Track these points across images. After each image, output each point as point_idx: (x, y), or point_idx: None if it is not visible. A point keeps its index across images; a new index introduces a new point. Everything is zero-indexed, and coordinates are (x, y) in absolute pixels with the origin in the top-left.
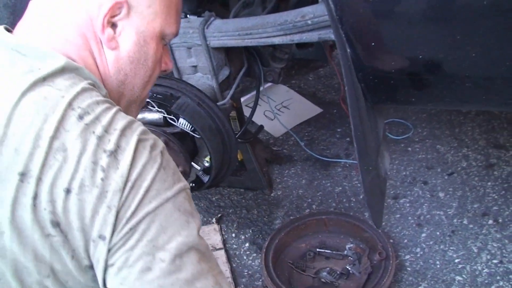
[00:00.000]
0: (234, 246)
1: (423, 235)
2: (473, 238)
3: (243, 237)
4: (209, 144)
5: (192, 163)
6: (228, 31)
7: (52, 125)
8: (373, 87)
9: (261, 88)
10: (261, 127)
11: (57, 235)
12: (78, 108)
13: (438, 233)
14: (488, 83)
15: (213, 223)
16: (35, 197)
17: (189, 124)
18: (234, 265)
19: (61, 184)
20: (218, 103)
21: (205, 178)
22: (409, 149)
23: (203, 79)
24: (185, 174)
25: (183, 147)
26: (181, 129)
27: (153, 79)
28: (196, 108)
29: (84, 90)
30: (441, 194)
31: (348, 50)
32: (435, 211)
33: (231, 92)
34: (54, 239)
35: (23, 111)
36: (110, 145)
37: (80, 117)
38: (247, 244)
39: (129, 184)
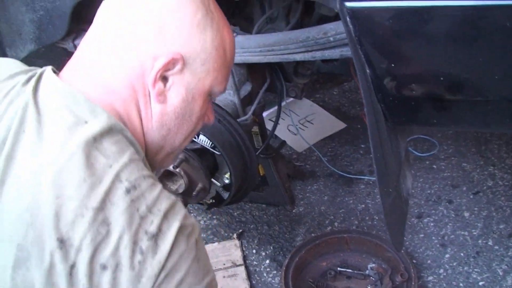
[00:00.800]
0: (255, 262)
1: (447, 255)
2: (498, 260)
3: (263, 253)
4: (229, 160)
5: (212, 179)
6: (250, 47)
7: (99, 195)
8: (393, 108)
9: (283, 103)
10: (283, 142)
11: None
12: (125, 181)
13: (462, 254)
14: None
15: (234, 238)
16: (73, 266)
17: (209, 141)
18: (254, 282)
19: (100, 259)
20: (239, 119)
21: (225, 195)
22: (434, 166)
23: (225, 94)
24: (205, 191)
25: (203, 164)
26: (201, 145)
27: (195, 133)
28: (216, 125)
29: (131, 161)
30: (466, 214)
31: (368, 71)
32: (459, 231)
33: (253, 108)
34: None
35: (70, 175)
36: (152, 227)
37: (127, 191)
38: (267, 261)
39: (164, 273)
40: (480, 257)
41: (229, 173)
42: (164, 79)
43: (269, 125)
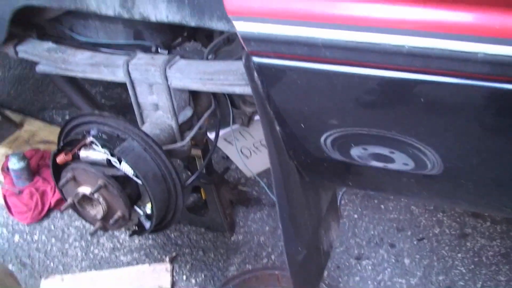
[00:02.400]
0: None
1: None
2: None
3: (194, 280)
4: (151, 191)
5: (136, 207)
6: (190, 74)
7: None
8: (306, 167)
9: (232, 128)
10: (227, 168)
11: None
12: None
13: None
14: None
15: (166, 261)
16: None
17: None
18: None
19: None
20: (176, 144)
21: (147, 224)
22: (382, 206)
23: (163, 117)
24: (124, 219)
25: (123, 192)
26: (124, 173)
27: None
28: (142, 153)
29: None
30: (406, 260)
31: (277, 128)
32: (397, 278)
33: (192, 133)
34: None
35: None
36: None
37: None
38: None
39: None
40: None
41: (150, 204)
42: None
43: (223, 145)
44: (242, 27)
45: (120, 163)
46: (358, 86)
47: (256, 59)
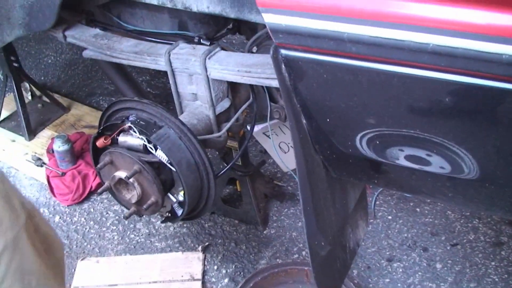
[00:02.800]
0: (213, 279)
1: None
2: None
3: (224, 271)
4: (184, 179)
5: (169, 194)
6: (229, 66)
7: None
8: (332, 162)
9: (269, 122)
10: (263, 162)
11: None
12: None
13: None
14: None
15: (198, 250)
16: None
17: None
18: None
19: None
20: (212, 135)
21: (179, 211)
22: (418, 210)
23: (201, 108)
24: (157, 205)
25: (157, 178)
26: (159, 159)
27: None
28: (177, 141)
29: None
30: (438, 265)
31: (304, 121)
32: (427, 282)
33: (228, 125)
34: None
35: None
36: None
37: None
38: (226, 280)
39: None
40: None
41: (183, 191)
42: None
43: (262, 139)
44: (270, 19)
45: (155, 149)
46: (385, 84)
47: (283, 51)
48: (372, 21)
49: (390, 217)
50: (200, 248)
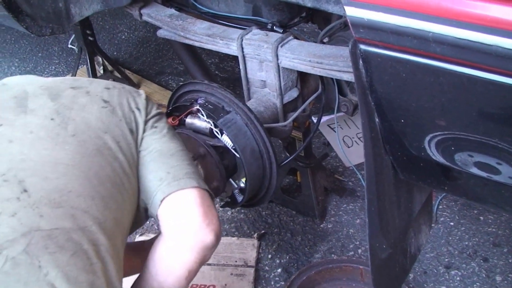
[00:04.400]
0: (266, 268)
1: None
2: None
3: (278, 261)
4: (246, 166)
5: (231, 179)
6: (300, 55)
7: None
8: (401, 164)
9: (336, 115)
10: (326, 155)
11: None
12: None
13: None
14: None
15: (254, 238)
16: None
17: (231, 142)
18: (259, 287)
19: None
20: (278, 124)
21: (239, 198)
22: (481, 218)
23: (269, 95)
24: (218, 189)
25: (220, 162)
26: (224, 144)
27: None
28: (243, 128)
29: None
30: (498, 278)
31: (377, 120)
32: None
33: (295, 115)
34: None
35: None
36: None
37: None
38: (279, 270)
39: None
40: None
41: (245, 178)
42: None
43: (326, 131)
44: (353, 12)
45: (221, 134)
46: (467, 87)
47: (363, 46)
48: (460, 22)
49: (452, 223)
50: (255, 235)
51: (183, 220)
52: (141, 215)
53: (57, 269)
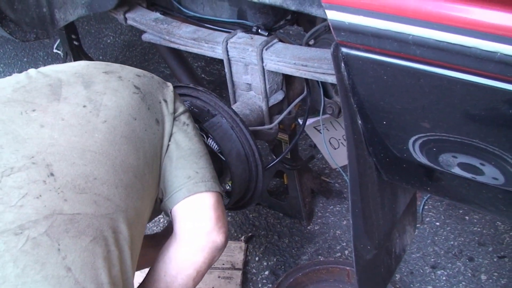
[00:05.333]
0: (254, 270)
1: None
2: None
3: (265, 263)
4: (233, 169)
5: None
6: (285, 58)
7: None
8: (385, 165)
9: (321, 117)
10: (312, 157)
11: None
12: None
13: None
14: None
15: (241, 240)
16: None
17: (216, 145)
18: None
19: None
20: (263, 126)
21: (226, 201)
22: (467, 218)
23: (255, 98)
24: None
25: None
26: (210, 147)
27: None
28: (228, 131)
29: None
30: (483, 277)
31: (359, 122)
32: None
33: (280, 117)
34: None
35: None
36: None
37: None
38: (266, 272)
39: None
40: None
41: (231, 181)
42: None
43: (312, 133)
44: (334, 16)
45: (207, 138)
46: (447, 89)
47: (344, 49)
48: (439, 24)
49: (438, 223)
50: (243, 238)
51: (201, 223)
52: (157, 205)
53: (75, 254)
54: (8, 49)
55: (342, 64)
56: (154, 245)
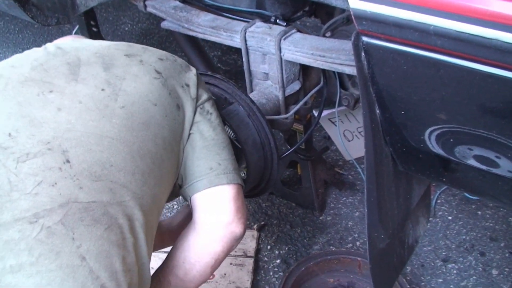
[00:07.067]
0: (265, 258)
1: None
2: None
3: (277, 252)
4: (248, 157)
5: None
6: (303, 48)
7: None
8: (401, 155)
9: (337, 109)
10: (326, 148)
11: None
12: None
13: None
14: None
15: (253, 229)
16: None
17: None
18: (258, 277)
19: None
20: (279, 116)
21: None
22: (479, 213)
23: (271, 88)
24: None
25: None
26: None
27: None
28: (245, 119)
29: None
30: (494, 272)
31: (377, 111)
32: (481, 287)
33: (296, 107)
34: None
35: None
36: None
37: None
38: (278, 261)
39: None
40: None
41: (246, 169)
42: None
43: (327, 125)
44: (356, 4)
45: (224, 125)
46: (466, 80)
47: (365, 38)
48: (460, 16)
49: (450, 217)
50: (255, 226)
51: (221, 215)
52: (176, 189)
53: (90, 243)
54: (27, 34)
55: (363, 54)
56: (171, 230)
